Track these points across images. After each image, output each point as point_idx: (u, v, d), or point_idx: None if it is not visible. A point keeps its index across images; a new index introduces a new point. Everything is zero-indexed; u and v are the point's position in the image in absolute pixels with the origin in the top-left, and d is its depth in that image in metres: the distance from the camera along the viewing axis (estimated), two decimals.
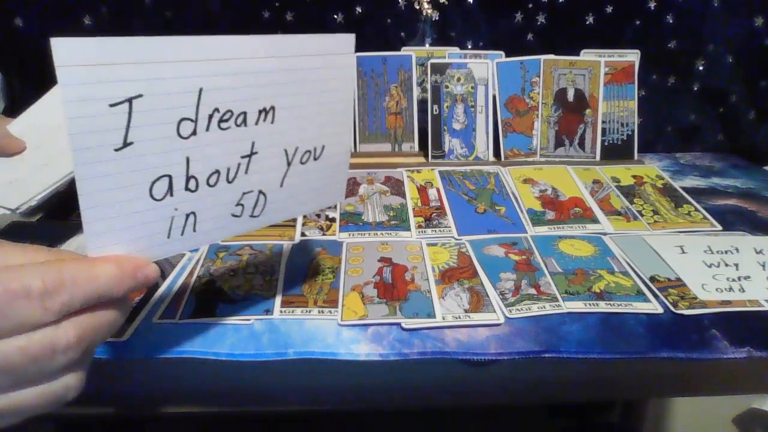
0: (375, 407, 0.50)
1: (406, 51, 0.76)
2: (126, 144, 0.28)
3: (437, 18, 0.78)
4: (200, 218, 0.34)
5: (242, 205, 0.36)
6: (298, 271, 0.50)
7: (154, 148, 0.29)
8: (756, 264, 0.51)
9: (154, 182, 0.30)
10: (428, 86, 0.73)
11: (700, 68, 0.81)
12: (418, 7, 0.77)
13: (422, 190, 0.66)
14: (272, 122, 0.35)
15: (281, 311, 0.45)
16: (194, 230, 0.34)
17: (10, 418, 0.26)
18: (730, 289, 0.47)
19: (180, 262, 0.52)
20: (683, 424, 1.02)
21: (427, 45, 0.79)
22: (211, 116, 0.31)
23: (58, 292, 0.25)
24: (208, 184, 0.33)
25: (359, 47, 0.73)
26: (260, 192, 0.37)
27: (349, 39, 0.38)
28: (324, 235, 0.57)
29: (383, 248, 0.54)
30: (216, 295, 0.47)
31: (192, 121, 0.30)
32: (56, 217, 0.62)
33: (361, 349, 0.41)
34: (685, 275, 0.49)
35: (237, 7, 0.76)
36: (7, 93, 0.72)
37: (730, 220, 0.60)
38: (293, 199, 0.40)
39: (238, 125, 0.33)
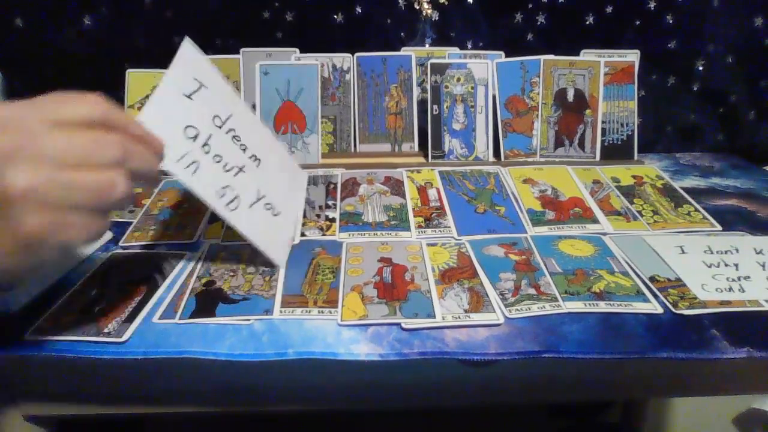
0: (375, 407, 0.50)
1: (406, 51, 0.76)
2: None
3: (437, 18, 0.78)
4: (201, 171, 0.44)
5: (225, 189, 0.46)
6: (298, 271, 0.50)
7: (201, 118, 0.45)
8: (756, 264, 0.51)
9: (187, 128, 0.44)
10: (428, 86, 0.73)
11: (700, 68, 0.81)
12: (418, 7, 0.78)
13: (422, 191, 0.66)
14: (257, 167, 0.51)
15: (281, 311, 0.45)
16: (193, 173, 0.44)
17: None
18: (730, 289, 0.47)
19: (180, 262, 0.52)
20: (683, 424, 1.02)
21: (427, 45, 0.79)
22: (228, 131, 0.48)
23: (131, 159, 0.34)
24: (213, 158, 0.46)
25: (359, 47, 0.74)
26: (237, 196, 0.47)
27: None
28: (324, 235, 0.57)
29: (383, 248, 0.54)
30: (216, 296, 0.47)
31: (219, 128, 0.47)
32: None
33: (361, 349, 0.41)
34: (685, 275, 0.49)
35: (237, 7, 0.76)
36: (7, 93, 0.72)
37: (730, 220, 0.60)
38: (254, 226, 0.48)
39: (241, 149, 0.49)
